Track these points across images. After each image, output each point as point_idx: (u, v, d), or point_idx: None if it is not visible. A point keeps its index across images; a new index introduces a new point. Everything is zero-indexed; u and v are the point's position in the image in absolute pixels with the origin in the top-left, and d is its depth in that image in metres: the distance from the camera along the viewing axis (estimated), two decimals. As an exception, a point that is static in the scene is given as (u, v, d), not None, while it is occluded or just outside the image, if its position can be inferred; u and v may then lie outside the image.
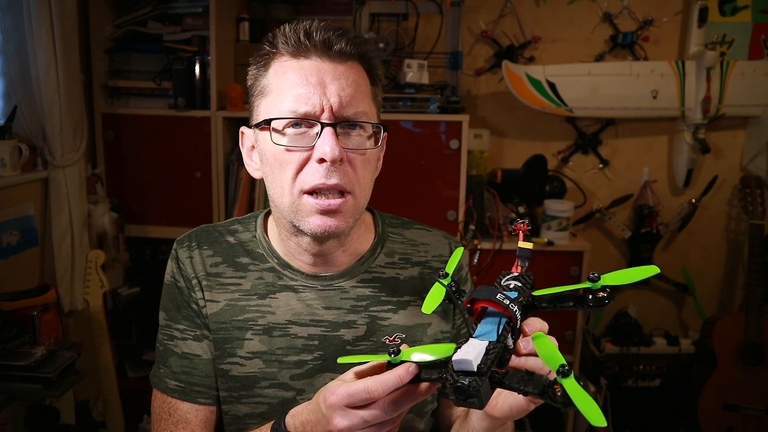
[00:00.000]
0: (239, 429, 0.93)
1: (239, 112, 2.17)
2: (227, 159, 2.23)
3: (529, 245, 0.71)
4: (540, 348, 0.59)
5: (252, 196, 2.22)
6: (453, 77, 2.30)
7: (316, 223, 0.83)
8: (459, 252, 0.80)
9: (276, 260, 0.94)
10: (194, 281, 0.93)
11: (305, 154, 0.82)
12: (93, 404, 2.11)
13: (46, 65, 1.79)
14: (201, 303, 0.93)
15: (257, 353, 0.91)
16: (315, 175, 0.81)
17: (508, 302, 0.63)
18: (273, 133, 0.83)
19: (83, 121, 2.00)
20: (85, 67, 2.15)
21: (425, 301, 0.71)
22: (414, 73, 2.13)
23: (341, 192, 0.83)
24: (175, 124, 2.19)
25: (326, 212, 0.83)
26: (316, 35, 0.82)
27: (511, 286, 0.66)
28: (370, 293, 0.94)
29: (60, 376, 1.48)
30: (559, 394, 0.56)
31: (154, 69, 2.22)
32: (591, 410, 0.51)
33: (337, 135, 0.81)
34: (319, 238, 0.88)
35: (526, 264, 0.71)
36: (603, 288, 0.61)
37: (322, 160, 0.80)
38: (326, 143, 0.79)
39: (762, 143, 2.50)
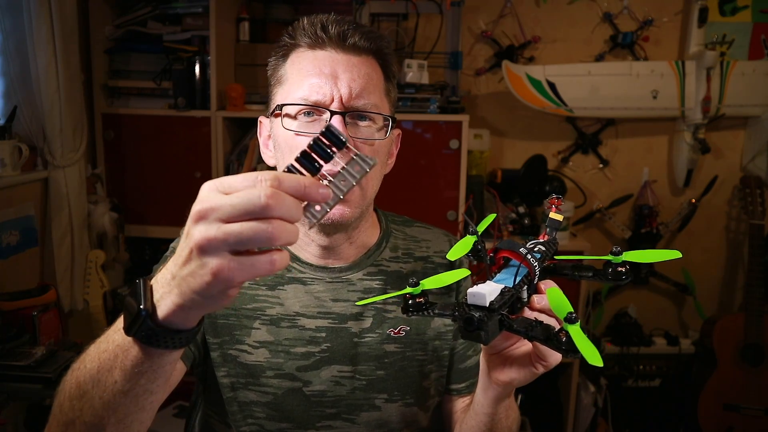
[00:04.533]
0: (247, 416, 0.93)
1: (239, 112, 2.17)
2: (227, 159, 2.23)
3: (559, 217, 0.74)
4: (551, 296, 0.62)
5: (252, 196, 2.22)
6: (453, 77, 2.30)
7: None
8: (491, 216, 0.83)
9: None
10: None
11: None
12: (93, 404, 2.11)
13: (46, 65, 1.79)
14: None
15: (264, 343, 0.92)
16: None
17: (527, 253, 0.66)
18: (285, 119, 0.86)
19: (83, 121, 2.00)
20: (85, 67, 2.15)
21: (452, 249, 0.72)
22: (414, 73, 2.13)
23: None
24: (175, 124, 2.19)
25: None
26: (332, 28, 0.86)
27: (536, 249, 0.69)
28: (376, 286, 0.96)
29: (60, 376, 1.48)
30: (563, 340, 0.58)
31: (154, 69, 2.22)
32: (591, 354, 0.56)
33: (345, 124, 0.83)
34: (326, 228, 0.89)
35: (554, 234, 0.74)
36: (623, 263, 0.63)
37: None
38: None
39: (762, 143, 2.50)
